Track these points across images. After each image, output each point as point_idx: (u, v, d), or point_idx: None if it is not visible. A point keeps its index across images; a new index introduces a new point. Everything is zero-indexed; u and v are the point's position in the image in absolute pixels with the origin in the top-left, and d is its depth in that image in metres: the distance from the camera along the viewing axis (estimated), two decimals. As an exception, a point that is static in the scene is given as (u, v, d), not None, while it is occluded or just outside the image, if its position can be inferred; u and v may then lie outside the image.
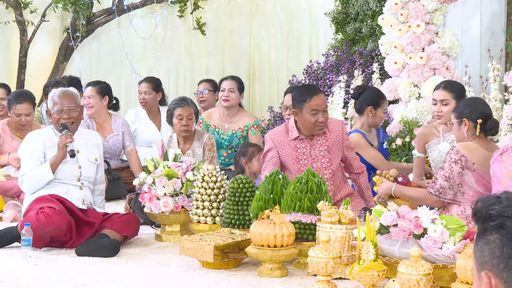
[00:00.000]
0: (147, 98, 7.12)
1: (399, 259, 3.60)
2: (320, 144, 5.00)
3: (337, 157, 5.03)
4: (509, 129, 6.06)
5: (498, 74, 6.68)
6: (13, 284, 3.79)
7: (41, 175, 4.79)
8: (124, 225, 4.70)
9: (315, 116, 4.86)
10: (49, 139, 4.91)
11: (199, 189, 4.70)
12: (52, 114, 4.93)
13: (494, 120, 4.40)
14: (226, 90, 6.61)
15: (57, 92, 5.00)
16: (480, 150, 4.29)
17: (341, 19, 8.62)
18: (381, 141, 5.86)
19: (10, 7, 8.98)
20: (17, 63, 9.01)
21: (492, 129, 4.38)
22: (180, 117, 5.66)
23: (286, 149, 4.95)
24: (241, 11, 9.83)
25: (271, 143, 4.98)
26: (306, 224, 4.07)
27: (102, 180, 5.14)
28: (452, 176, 4.26)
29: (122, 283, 3.84)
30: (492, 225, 1.52)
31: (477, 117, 4.36)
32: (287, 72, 9.52)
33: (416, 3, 7.01)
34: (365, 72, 7.87)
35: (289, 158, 4.93)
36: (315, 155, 4.97)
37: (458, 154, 4.26)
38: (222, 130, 6.60)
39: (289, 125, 4.99)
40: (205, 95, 7.30)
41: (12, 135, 6.22)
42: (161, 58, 9.07)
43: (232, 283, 3.85)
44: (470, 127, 4.38)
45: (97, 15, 9.24)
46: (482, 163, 4.25)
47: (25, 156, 4.91)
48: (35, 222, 4.42)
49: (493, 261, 1.51)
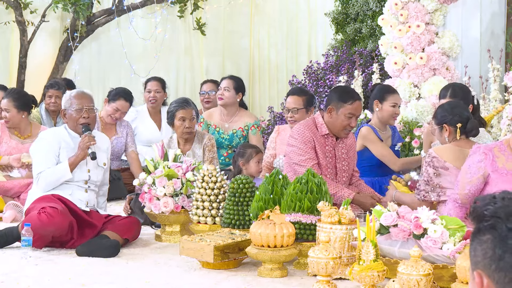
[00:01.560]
0: (157, 96, 7.16)
1: (399, 259, 3.60)
2: (341, 147, 5.07)
3: (352, 162, 5.16)
4: (509, 129, 6.06)
5: (498, 74, 6.68)
6: (13, 285, 3.79)
7: (59, 174, 4.78)
8: (126, 228, 4.70)
9: (349, 120, 4.92)
10: (64, 139, 4.90)
11: (199, 189, 4.70)
12: (69, 113, 4.91)
13: (473, 122, 4.47)
14: (222, 89, 6.61)
15: (75, 92, 5.03)
16: (452, 148, 4.40)
17: (341, 19, 8.63)
18: (394, 143, 5.85)
19: (10, 7, 8.99)
20: (17, 63, 9.02)
21: (472, 130, 4.47)
22: (182, 119, 5.66)
23: (319, 143, 4.96)
24: (241, 11, 9.84)
25: (307, 134, 4.93)
26: (306, 224, 4.07)
27: (106, 182, 5.16)
28: (429, 179, 4.37)
29: (122, 283, 3.84)
30: (485, 226, 1.53)
31: (456, 121, 4.45)
32: (287, 72, 9.53)
33: (416, 4, 7.01)
34: (365, 73, 7.88)
35: (320, 152, 4.96)
36: (338, 156, 5.04)
37: (430, 156, 4.38)
38: (222, 130, 6.60)
39: (318, 121, 4.99)
40: (212, 96, 7.26)
41: (11, 135, 6.22)
42: (161, 58, 9.07)
43: (232, 283, 3.85)
44: (451, 132, 4.47)
45: (97, 16, 9.24)
46: (456, 160, 4.33)
47: (40, 154, 4.86)
48: (37, 222, 4.42)
49: (485, 262, 1.52)
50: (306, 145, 4.90)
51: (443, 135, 4.52)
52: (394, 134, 5.92)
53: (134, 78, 9.16)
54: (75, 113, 4.88)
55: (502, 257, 1.49)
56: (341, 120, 4.92)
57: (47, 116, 7.13)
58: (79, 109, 4.87)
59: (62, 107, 5.00)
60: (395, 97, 5.79)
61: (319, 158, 4.94)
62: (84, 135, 4.83)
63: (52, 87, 7.02)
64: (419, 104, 6.80)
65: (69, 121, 4.93)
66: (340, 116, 4.92)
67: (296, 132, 4.96)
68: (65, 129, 4.98)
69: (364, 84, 7.74)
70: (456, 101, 4.85)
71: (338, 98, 4.93)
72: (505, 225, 1.50)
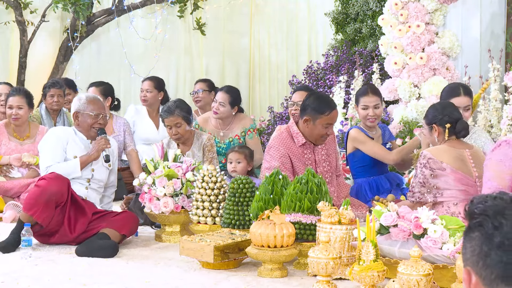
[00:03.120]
0: (148, 96, 7.15)
1: (399, 259, 3.60)
2: (321, 149, 5.07)
3: (334, 160, 5.16)
4: (509, 129, 6.06)
5: (498, 74, 6.68)
6: (13, 285, 3.79)
7: (69, 170, 4.89)
8: (123, 223, 4.72)
9: (326, 129, 4.92)
10: (72, 138, 5.02)
11: (199, 189, 4.70)
12: (84, 117, 5.02)
13: (463, 122, 4.45)
14: (217, 102, 6.55)
15: (90, 96, 5.16)
16: (448, 149, 4.37)
17: (341, 19, 8.62)
18: (385, 141, 5.85)
19: (10, 7, 8.98)
20: (17, 63, 9.01)
21: (462, 131, 4.44)
22: (169, 127, 5.67)
23: (296, 156, 4.95)
24: (241, 11, 9.84)
25: (282, 150, 4.92)
26: (306, 224, 4.07)
27: (113, 184, 5.29)
28: (426, 180, 4.33)
29: (122, 283, 3.84)
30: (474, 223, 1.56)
31: (446, 122, 4.44)
32: (287, 72, 9.53)
33: (416, 4, 7.01)
34: (365, 73, 7.87)
35: (298, 164, 4.95)
36: (318, 160, 5.04)
37: (425, 158, 4.34)
38: (218, 138, 6.55)
39: (293, 130, 4.98)
40: (200, 95, 7.35)
41: (10, 136, 6.21)
42: (161, 58, 9.07)
43: (232, 283, 3.85)
44: (440, 132, 4.47)
45: (97, 16, 9.24)
46: (454, 160, 4.31)
47: (49, 148, 4.97)
48: (37, 190, 4.51)
49: (473, 259, 1.54)
50: (280, 162, 4.88)
51: (432, 135, 4.52)
52: (384, 133, 5.87)
53: (134, 78, 9.16)
54: (92, 118, 5.01)
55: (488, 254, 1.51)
56: (318, 130, 4.91)
57: (47, 116, 7.12)
58: (96, 115, 5.01)
59: (75, 109, 5.07)
60: (365, 99, 5.65)
61: (297, 169, 4.93)
62: (100, 137, 4.99)
63: (54, 86, 7.01)
64: (419, 104, 6.80)
65: (83, 124, 5.04)
66: (317, 127, 4.90)
67: (272, 149, 4.94)
68: (74, 130, 5.09)
69: (364, 84, 7.74)
70: (447, 101, 4.84)
71: (315, 109, 4.88)
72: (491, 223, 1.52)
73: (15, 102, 6.18)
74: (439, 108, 4.54)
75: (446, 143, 4.43)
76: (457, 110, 4.59)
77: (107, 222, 4.69)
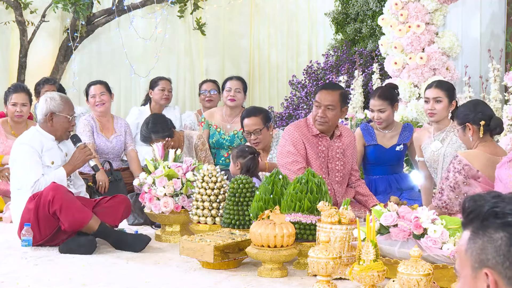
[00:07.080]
0: (169, 96, 7.18)
1: (399, 259, 3.60)
2: (337, 146, 5.04)
3: (349, 162, 5.12)
4: (509, 129, 6.06)
5: (498, 74, 6.68)
6: (13, 285, 3.79)
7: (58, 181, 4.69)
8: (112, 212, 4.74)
9: (317, 110, 4.92)
10: (44, 143, 4.80)
11: (199, 189, 4.70)
12: (60, 117, 4.83)
13: (497, 119, 4.37)
14: (233, 90, 6.58)
15: (65, 97, 4.94)
16: (483, 156, 4.27)
17: (341, 19, 8.63)
18: (399, 142, 5.71)
19: (10, 7, 8.98)
20: (17, 63, 9.01)
21: (497, 127, 4.35)
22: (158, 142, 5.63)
23: (310, 143, 4.96)
24: (241, 11, 9.83)
25: (296, 135, 4.94)
26: (306, 224, 4.07)
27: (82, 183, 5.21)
28: (457, 186, 4.26)
29: (122, 283, 3.84)
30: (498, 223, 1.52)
31: (479, 119, 4.34)
32: (287, 72, 9.53)
33: (416, 4, 7.01)
34: (365, 73, 7.88)
35: (311, 152, 4.96)
36: (331, 156, 5.02)
37: (461, 164, 4.24)
38: (223, 130, 6.59)
39: (309, 122, 5.01)
40: (213, 95, 7.30)
41: (7, 135, 6.20)
42: (161, 58, 9.07)
43: (232, 283, 3.85)
44: (475, 131, 4.36)
45: (97, 16, 9.24)
46: (487, 168, 4.23)
47: (29, 165, 4.70)
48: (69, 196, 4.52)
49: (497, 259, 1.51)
50: (294, 147, 4.91)
51: (466, 135, 4.40)
52: (402, 134, 5.76)
53: (134, 78, 9.15)
54: (68, 121, 4.84)
55: None
56: (312, 111, 4.98)
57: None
58: (72, 118, 4.88)
59: (49, 109, 4.81)
60: (372, 102, 5.65)
61: (310, 158, 4.93)
62: (82, 147, 4.89)
63: (48, 83, 6.97)
64: (419, 104, 6.80)
65: (57, 126, 4.83)
66: (313, 109, 4.99)
67: (286, 133, 4.98)
68: (37, 131, 4.86)
69: (364, 84, 7.74)
70: (477, 99, 4.75)
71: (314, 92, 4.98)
72: None
73: (20, 100, 6.15)
74: (471, 106, 4.41)
75: (480, 146, 4.30)
76: (489, 107, 4.48)
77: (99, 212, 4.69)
